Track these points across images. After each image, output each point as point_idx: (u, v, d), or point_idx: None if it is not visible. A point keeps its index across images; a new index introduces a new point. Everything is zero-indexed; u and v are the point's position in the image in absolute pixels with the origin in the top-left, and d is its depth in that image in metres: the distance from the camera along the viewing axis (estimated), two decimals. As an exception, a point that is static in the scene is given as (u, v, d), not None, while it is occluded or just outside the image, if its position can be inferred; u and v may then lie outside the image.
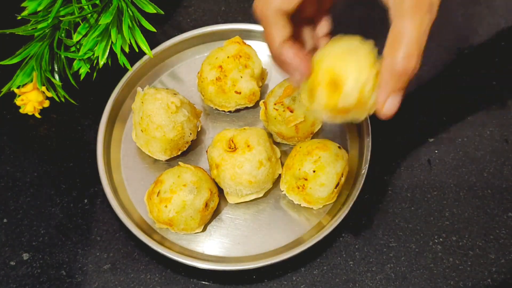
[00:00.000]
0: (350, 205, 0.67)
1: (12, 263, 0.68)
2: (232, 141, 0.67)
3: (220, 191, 0.69)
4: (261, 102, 0.73)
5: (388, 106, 0.51)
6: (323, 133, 0.74)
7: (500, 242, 0.68)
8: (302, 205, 0.68)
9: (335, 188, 0.67)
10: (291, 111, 0.69)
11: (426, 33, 0.47)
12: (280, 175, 0.70)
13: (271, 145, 0.70)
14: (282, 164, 0.70)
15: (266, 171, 0.67)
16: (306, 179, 0.66)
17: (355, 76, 0.49)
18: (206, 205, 0.66)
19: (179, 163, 0.68)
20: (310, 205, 0.68)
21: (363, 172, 0.69)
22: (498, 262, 0.67)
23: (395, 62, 0.48)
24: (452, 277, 0.66)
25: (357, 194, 0.67)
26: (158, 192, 0.65)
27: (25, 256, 0.68)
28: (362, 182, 0.68)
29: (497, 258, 0.67)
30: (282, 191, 0.69)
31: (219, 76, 0.72)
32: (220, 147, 0.67)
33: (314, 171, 0.66)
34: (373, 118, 0.72)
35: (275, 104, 0.70)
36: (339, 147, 0.68)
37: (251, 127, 0.69)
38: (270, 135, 0.72)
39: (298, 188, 0.67)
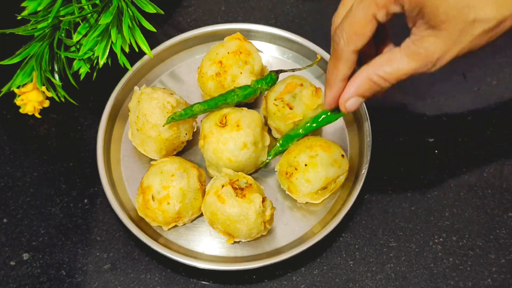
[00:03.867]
0: (350, 205, 0.67)
1: (12, 263, 0.68)
2: (225, 117, 0.68)
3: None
4: (263, 97, 0.73)
5: (350, 103, 0.59)
6: (323, 132, 0.74)
7: (500, 242, 0.68)
8: (286, 193, 0.69)
9: (320, 190, 0.67)
10: (290, 108, 0.69)
11: (408, 76, 0.55)
12: (264, 164, 0.71)
13: (262, 131, 0.70)
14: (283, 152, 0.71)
15: (248, 155, 0.68)
16: (296, 169, 0.67)
17: (246, 234, 0.65)
18: (200, 181, 0.68)
19: (151, 163, 0.68)
20: (292, 195, 0.69)
21: (363, 172, 0.69)
22: (498, 262, 0.67)
23: (374, 72, 0.56)
24: (452, 277, 0.66)
25: (357, 194, 0.67)
26: (153, 197, 0.65)
27: (25, 256, 0.68)
28: (362, 182, 0.68)
29: (497, 258, 0.67)
30: (276, 171, 0.70)
31: (219, 72, 0.72)
32: (212, 120, 0.69)
33: (305, 165, 0.66)
34: (374, 118, 0.72)
35: (275, 99, 0.70)
36: (342, 156, 0.68)
37: (249, 110, 0.70)
38: (269, 129, 0.73)
39: (286, 174, 0.68)
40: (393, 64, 0.54)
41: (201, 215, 0.69)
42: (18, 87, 0.73)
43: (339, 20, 0.57)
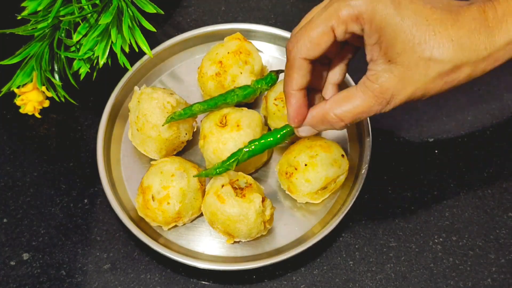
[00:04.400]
0: (350, 205, 0.67)
1: (12, 263, 0.68)
2: (225, 117, 0.68)
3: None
4: (263, 97, 0.73)
5: (302, 130, 0.58)
6: (323, 132, 0.74)
7: (500, 242, 0.68)
8: (286, 193, 0.69)
9: (320, 190, 0.67)
10: None
11: (364, 115, 0.54)
12: (265, 164, 0.72)
13: (262, 131, 0.70)
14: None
15: None
16: (296, 169, 0.67)
17: (245, 234, 0.65)
18: (200, 181, 0.68)
19: (151, 163, 0.69)
20: (292, 195, 0.69)
21: (363, 172, 0.69)
22: (498, 262, 0.67)
23: (331, 111, 0.54)
24: (452, 277, 0.66)
25: (357, 194, 0.67)
26: (153, 197, 0.65)
27: (25, 256, 0.68)
28: (362, 182, 0.68)
29: (497, 258, 0.67)
30: (276, 170, 0.70)
31: (219, 72, 0.72)
32: (212, 120, 0.69)
33: (305, 165, 0.66)
34: (373, 118, 0.72)
35: (275, 99, 0.71)
36: (342, 155, 0.68)
37: (249, 110, 0.70)
38: (269, 129, 0.73)
39: (286, 174, 0.68)
40: (350, 102, 0.53)
41: (201, 215, 0.69)
42: (18, 87, 0.73)
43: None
